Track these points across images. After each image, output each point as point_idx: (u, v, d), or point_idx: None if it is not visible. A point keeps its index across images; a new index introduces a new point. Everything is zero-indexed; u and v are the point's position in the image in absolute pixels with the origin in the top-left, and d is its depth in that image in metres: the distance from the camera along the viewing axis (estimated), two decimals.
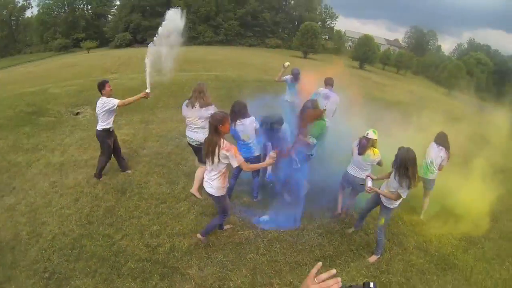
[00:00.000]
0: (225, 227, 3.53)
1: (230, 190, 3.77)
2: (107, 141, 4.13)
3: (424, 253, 3.76)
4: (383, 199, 3.27)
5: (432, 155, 4.08)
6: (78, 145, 5.68)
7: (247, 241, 3.42)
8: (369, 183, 3.23)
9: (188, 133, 3.85)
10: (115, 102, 3.86)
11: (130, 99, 3.92)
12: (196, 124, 3.72)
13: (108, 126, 4.04)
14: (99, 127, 4.03)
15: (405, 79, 37.73)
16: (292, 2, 49.48)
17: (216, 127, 2.70)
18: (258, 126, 3.52)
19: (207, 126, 3.33)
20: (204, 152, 2.82)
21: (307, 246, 3.48)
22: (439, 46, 58.26)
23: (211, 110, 3.51)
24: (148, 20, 42.14)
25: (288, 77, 5.77)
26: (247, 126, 3.47)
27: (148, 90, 3.88)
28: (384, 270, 3.34)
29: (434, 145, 4.13)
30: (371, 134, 3.48)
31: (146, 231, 3.46)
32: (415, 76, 47.13)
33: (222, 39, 43.44)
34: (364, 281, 0.96)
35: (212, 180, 2.88)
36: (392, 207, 3.27)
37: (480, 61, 46.24)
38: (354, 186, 3.84)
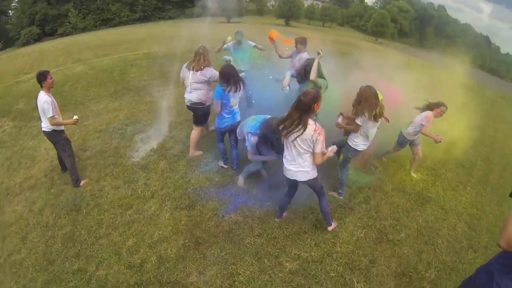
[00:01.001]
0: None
1: (224, 154, 4.23)
2: (62, 136, 3.89)
3: (402, 193, 4.32)
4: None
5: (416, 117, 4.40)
6: (5, 168, 4.85)
7: (238, 225, 3.33)
8: (339, 119, 3.64)
9: (186, 94, 4.15)
10: (49, 113, 3.64)
11: (61, 121, 3.86)
12: (191, 86, 4.03)
13: (59, 128, 3.88)
14: (46, 128, 3.79)
15: (332, 31, 40.59)
16: None
17: (311, 107, 2.59)
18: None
19: (201, 87, 3.99)
20: (285, 136, 2.72)
21: (298, 213, 3.57)
22: None
23: (208, 72, 3.91)
24: (57, 8, 39.76)
25: (230, 44, 5.44)
26: (241, 92, 3.71)
27: (76, 117, 3.89)
28: (376, 217, 3.71)
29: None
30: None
31: (122, 249, 3.05)
32: (341, 27, 51.68)
33: (140, 16, 43.82)
34: None
35: (304, 165, 2.77)
36: (351, 145, 3.58)
37: (402, 9, 53.26)
38: None
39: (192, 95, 4.07)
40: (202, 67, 3.89)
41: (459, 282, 3.06)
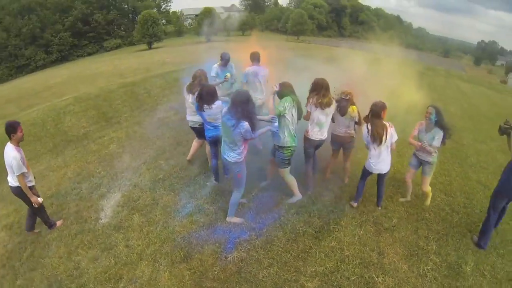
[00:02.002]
0: None
1: (214, 168, 4.73)
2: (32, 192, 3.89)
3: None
4: None
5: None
6: None
7: (245, 262, 3.45)
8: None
9: (188, 116, 4.88)
10: (18, 170, 3.66)
11: (26, 190, 3.82)
12: (191, 108, 4.65)
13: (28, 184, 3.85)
14: (13, 183, 3.81)
15: (255, 38, 43.42)
16: None
17: (380, 114, 3.78)
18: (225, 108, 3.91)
19: None
20: (372, 136, 3.80)
21: (296, 231, 3.86)
22: (276, 1, 72.25)
23: None
24: None
25: (215, 66, 5.66)
26: (214, 110, 4.08)
27: (40, 200, 3.98)
28: (366, 211, 4.23)
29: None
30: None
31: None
32: (262, 33, 55.96)
33: (57, 57, 43.58)
34: None
35: (387, 157, 3.92)
36: (306, 135, 4.28)
37: (316, 5, 59.76)
38: (345, 145, 4.61)
39: (195, 117, 4.72)
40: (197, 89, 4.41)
41: (456, 245, 3.69)
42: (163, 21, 50.66)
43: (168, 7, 57.20)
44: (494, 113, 12.12)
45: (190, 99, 4.65)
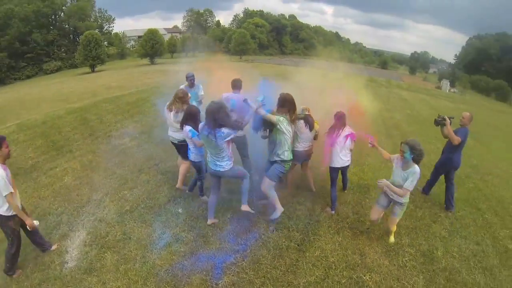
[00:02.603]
0: None
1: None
2: (9, 224, 3.63)
3: (348, 191, 5.49)
4: None
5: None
6: None
7: (237, 286, 3.57)
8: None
9: (170, 132, 5.21)
10: (5, 190, 3.44)
11: (18, 211, 3.64)
12: (172, 125, 5.07)
13: (6, 214, 3.59)
14: None
15: (198, 59, 44.34)
16: (62, 14, 50.22)
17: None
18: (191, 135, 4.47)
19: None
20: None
21: (279, 247, 4.12)
22: (218, 21, 75.60)
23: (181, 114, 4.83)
24: None
25: (182, 87, 6.07)
26: (184, 132, 4.54)
27: (36, 223, 3.86)
28: (340, 219, 4.68)
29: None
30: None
31: None
32: (205, 53, 57.76)
33: None
34: None
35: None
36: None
37: (258, 25, 63.32)
38: (306, 159, 5.17)
39: (176, 134, 5.06)
40: (178, 108, 4.93)
41: (425, 236, 4.30)
42: (105, 43, 49.59)
43: (110, 28, 56.33)
44: (434, 116, 13.91)
45: (171, 117, 5.01)
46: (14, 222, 3.68)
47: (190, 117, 4.48)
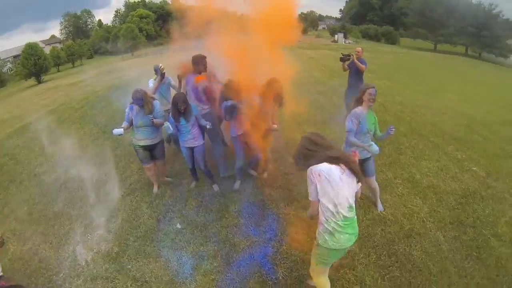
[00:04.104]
0: None
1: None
2: None
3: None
4: None
5: None
6: None
7: None
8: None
9: (141, 136, 4.73)
10: None
11: None
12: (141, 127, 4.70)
13: None
14: None
15: (88, 68, 40.09)
16: None
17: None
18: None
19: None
20: None
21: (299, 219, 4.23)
22: (100, 21, 69.04)
23: None
24: None
25: (151, 81, 5.81)
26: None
27: None
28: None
29: None
30: None
31: None
32: (107, 57, 52.90)
33: None
34: None
35: None
36: None
37: (142, 16, 59.55)
38: None
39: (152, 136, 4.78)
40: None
41: (402, 166, 5.24)
42: None
43: None
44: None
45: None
46: None
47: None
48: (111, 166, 6.08)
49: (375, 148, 3.76)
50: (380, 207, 4.30)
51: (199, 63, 4.92)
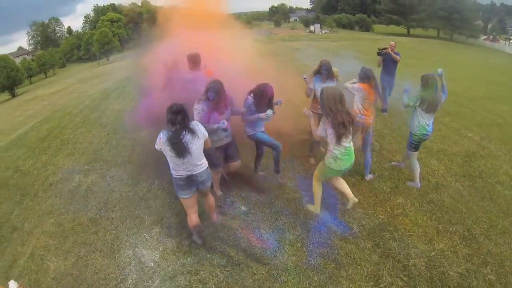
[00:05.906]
0: None
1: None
2: None
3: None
4: None
5: None
6: None
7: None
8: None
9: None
10: None
11: None
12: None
13: None
14: None
15: (62, 77, 38.94)
16: None
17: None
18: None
19: None
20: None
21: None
22: (69, 28, 68.61)
23: None
24: None
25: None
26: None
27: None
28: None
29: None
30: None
31: None
32: (64, 67, 52.19)
33: None
34: None
35: None
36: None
37: (113, 20, 58.67)
38: None
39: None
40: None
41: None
42: None
43: None
44: (330, 57, 16.46)
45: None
46: None
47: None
48: (139, 164, 5.87)
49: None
50: (417, 183, 4.70)
51: (198, 61, 4.80)
